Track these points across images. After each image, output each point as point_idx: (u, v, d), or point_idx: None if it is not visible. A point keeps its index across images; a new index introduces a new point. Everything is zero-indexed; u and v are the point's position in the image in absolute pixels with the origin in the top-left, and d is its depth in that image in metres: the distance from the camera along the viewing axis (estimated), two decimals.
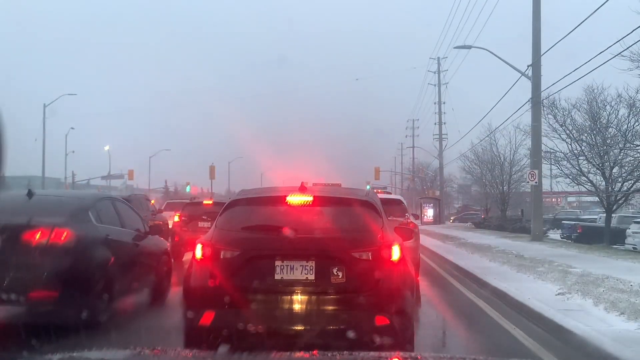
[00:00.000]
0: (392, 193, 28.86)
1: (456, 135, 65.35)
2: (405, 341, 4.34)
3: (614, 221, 24.65)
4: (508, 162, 35.22)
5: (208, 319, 4.23)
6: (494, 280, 9.11)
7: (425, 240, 16.74)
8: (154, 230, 7.90)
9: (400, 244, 4.57)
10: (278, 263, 4.30)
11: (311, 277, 4.26)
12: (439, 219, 44.97)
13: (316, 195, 4.81)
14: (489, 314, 7.36)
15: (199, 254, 4.53)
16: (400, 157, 69.65)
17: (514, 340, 5.88)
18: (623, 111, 22.10)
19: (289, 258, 4.30)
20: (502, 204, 36.15)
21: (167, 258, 8.23)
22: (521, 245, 17.87)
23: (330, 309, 4.25)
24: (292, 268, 4.28)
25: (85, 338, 4.80)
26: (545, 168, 26.36)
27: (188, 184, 57.57)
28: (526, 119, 24.89)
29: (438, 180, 51.09)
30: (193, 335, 4.38)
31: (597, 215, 32.50)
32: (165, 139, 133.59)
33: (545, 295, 7.48)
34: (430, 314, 7.47)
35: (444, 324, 7.15)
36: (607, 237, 22.96)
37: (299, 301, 4.25)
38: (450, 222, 52.52)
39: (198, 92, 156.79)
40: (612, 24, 19.11)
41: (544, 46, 20.03)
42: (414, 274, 5.03)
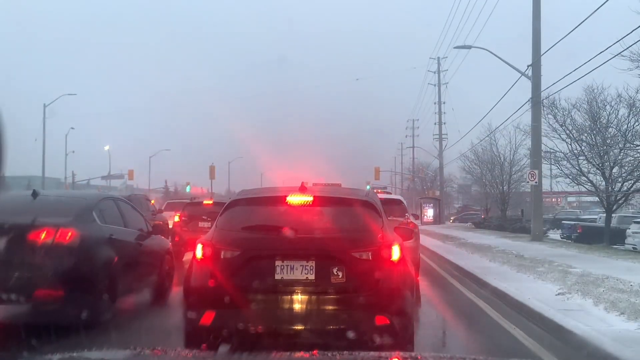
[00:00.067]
0: (392, 193, 28.88)
1: (456, 135, 65.04)
2: (405, 341, 4.35)
3: (614, 221, 24.66)
4: (508, 162, 35.22)
5: (208, 318, 4.24)
6: (494, 280, 9.11)
7: (425, 240, 16.74)
8: (157, 230, 7.92)
9: (400, 244, 4.57)
10: (278, 263, 4.30)
11: (311, 277, 4.27)
12: (439, 219, 44.95)
13: (316, 196, 4.81)
14: (489, 314, 7.36)
15: (199, 254, 4.54)
16: (400, 157, 69.79)
17: (514, 340, 5.88)
18: (623, 111, 22.18)
19: (289, 258, 4.30)
20: (502, 204, 36.14)
21: (170, 258, 8.26)
22: (521, 245, 17.87)
23: (330, 308, 4.25)
24: (292, 268, 4.29)
25: (87, 338, 4.81)
26: (545, 168, 26.43)
27: (188, 184, 57.58)
28: (526, 119, 24.93)
29: (438, 180, 51.08)
30: (193, 335, 4.38)
31: (597, 215, 32.49)
32: (165, 139, 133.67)
33: (545, 295, 7.49)
34: (430, 314, 7.47)
35: (444, 324, 7.15)
36: (607, 237, 22.97)
37: (299, 301, 4.25)
38: (450, 222, 52.50)
39: (198, 92, 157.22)
40: (612, 24, 19.15)
41: (544, 46, 20.06)
42: (414, 274, 5.03)
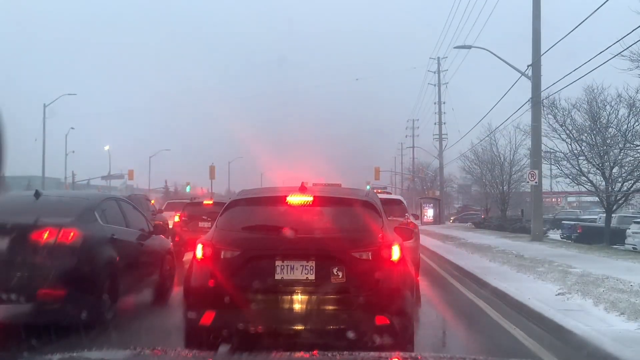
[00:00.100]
0: (392, 193, 28.91)
1: (456, 135, 65.10)
2: (405, 341, 4.35)
3: (614, 221, 24.65)
4: (508, 162, 35.21)
5: (208, 318, 4.24)
6: (494, 280, 9.11)
7: (425, 240, 16.74)
8: (158, 230, 7.93)
9: (400, 244, 4.57)
10: (278, 263, 4.30)
11: (311, 277, 4.26)
12: (439, 219, 44.94)
13: (316, 196, 4.81)
14: (489, 314, 7.36)
15: (199, 254, 4.54)
16: (400, 157, 69.78)
17: (514, 340, 5.88)
18: (623, 111, 22.16)
19: (289, 258, 4.30)
20: (502, 204, 36.14)
21: (171, 258, 8.27)
22: (521, 245, 17.87)
23: (331, 308, 4.25)
24: (293, 268, 4.29)
25: (87, 338, 4.81)
26: (545, 168, 26.42)
27: (188, 184, 57.63)
28: (526, 119, 24.93)
29: (438, 180, 51.06)
30: (194, 335, 4.38)
31: (597, 215, 32.49)
32: (165, 139, 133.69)
33: (545, 295, 7.49)
34: (430, 314, 7.47)
35: (444, 324, 7.15)
36: (607, 237, 22.96)
37: (299, 301, 4.25)
38: (450, 222, 52.50)
39: (198, 92, 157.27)
40: (612, 24, 19.14)
41: (544, 46, 20.05)
42: (414, 274, 5.03)
